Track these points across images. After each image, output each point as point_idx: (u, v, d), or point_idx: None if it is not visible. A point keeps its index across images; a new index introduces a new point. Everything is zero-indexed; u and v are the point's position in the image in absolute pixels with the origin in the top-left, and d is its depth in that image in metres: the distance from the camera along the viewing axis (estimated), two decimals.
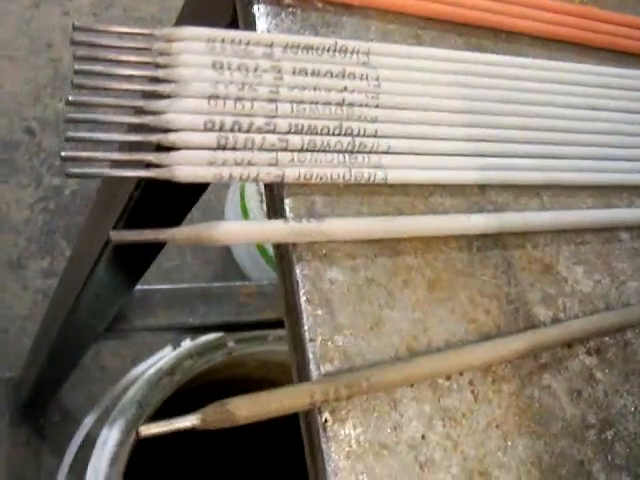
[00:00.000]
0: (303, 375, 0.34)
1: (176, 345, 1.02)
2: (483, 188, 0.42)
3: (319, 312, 0.35)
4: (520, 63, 0.47)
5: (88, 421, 1.05)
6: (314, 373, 0.34)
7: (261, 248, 1.32)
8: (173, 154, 0.35)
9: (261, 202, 1.30)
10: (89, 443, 0.99)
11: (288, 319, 0.36)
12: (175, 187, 0.36)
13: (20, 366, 1.20)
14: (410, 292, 0.37)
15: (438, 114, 0.42)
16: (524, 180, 0.43)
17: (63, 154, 0.34)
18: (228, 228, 0.34)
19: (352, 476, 0.32)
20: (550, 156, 0.45)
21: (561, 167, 0.45)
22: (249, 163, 0.36)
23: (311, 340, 0.34)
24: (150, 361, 1.05)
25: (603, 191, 0.47)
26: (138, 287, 0.90)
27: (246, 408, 0.30)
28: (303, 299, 0.35)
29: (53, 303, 0.97)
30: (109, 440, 0.90)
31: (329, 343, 0.34)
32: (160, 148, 0.35)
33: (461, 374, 0.37)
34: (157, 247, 0.62)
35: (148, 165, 0.35)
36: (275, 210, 0.37)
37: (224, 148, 0.36)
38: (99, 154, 0.34)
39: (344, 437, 0.33)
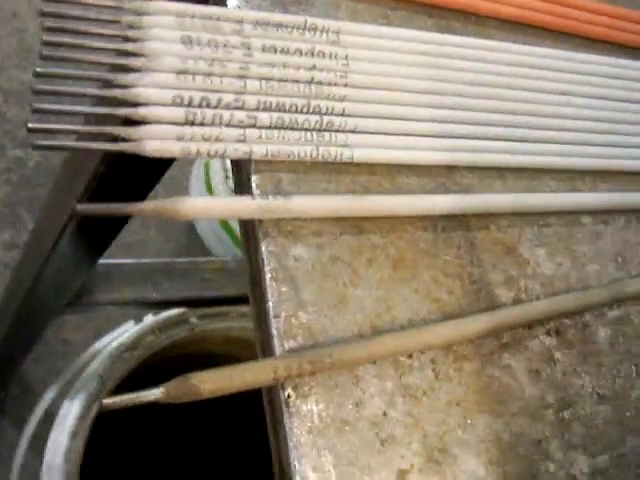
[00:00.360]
0: (267, 351, 0.34)
1: (138, 320, 1.02)
2: (450, 169, 0.43)
3: (284, 289, 0.35)
4: (489, 46, 0.47)
5: (49, 395, 1.04)
6: (278, 349, 0.34)
7: (226, 225, 1.32)
8: (142, 128, 0.35)
9: (226, 178, 1.29)
10: (50, 417, 0.99)
11: (253, 295, 0.36)
12: (141, 162, 0.36)
13: None
14: (374, 271, 0.38)
15: (406, 94, 0.42)
16: (490, 162, 0.43)
17: (30, 125, 0.33)
18: (194, 203, 0.34)
19: (313, 451, 0.33)
20: (516, 139, 0.45)
21: (526, 150, 0.45)
22: (217, 139, 0.36)
23: (275, 316, 0.34)
24: (112, 335, 1.05)
25: (567, 175, 0.47)
26: (102, 261, 0.90)
27: (210, 382, 0.31)
28: (268, 275, 0.35)
29: (15, 276, 0.96)
30: (70, 414, 0.90)
31: (293, 319, 0.35)
32: (128, 122, 0.35)
33: (423, 352, 0.37)
34: (121, 222, 0.61)
35: (115, 139, 0.35)
36: (242, 187, 0.37)
37: (192, 123, 0.36)
38: (66, 126, 0.34)
39: (306, 413, 0.33)
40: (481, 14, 0.50)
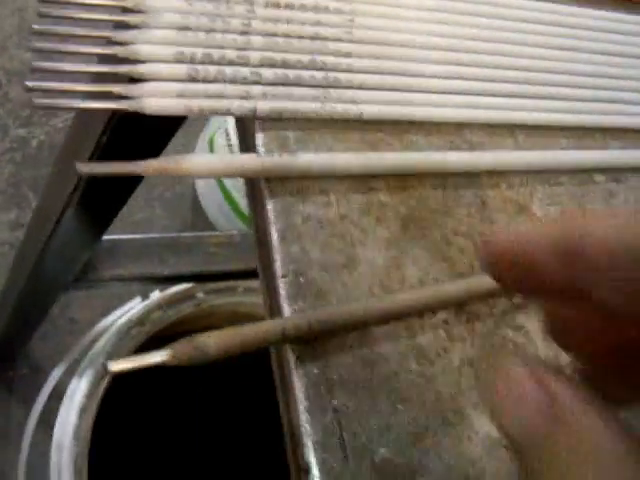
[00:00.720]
0: (275, 312, 0.34)
1: (145, 296, 1.01)
2: (459, 127, 0.42)
3: (291, 248, 0.34)
4: (499, 1, 0.46)
5: (57, 372, 1.04)
6: (286, 310, 0.33)
7: (231, 201, 1.31)
8: (142, 85, 0.34)
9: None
10: (58, 394, 0.99)
11: (260, 256, 0.35)
12: (145, 124, 0.35)
13: None
14: (383, 229, 0.37)
15: (416, 51, 0.41)
16: (502, 120, 0.42)
17: (29, 84, 0.32)
18: (199, 160, 0.33)
19: (324, 413, 0.32)
20: (527, 96, 0.44)
21: (537, 107, 0.44)
22: (220, 96, 0.35)
23: (283, 276, 0.34)
24: (119, 312, 1.04)
25: (578, 132, 0.46)
26: (107, 237, 0.89)
27: (217, 343, 0.30)
28: (275, 235, 0.34)
29: (20, 253, 0.95)
30: (78, 391, 0.90)
31: (301, 279, 0.34)
32: (129, 81, 0.34)
33: (435, 313, 0.36)
34: (126, 191, 0.60)
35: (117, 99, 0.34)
36: (247, 146, 0.37)
37: (194, 80, 0.35)
38: (67, 85, 0.33)
39: (316, 375, 0.32)
40: None
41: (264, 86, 0.36)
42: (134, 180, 0.54)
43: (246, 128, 0.36)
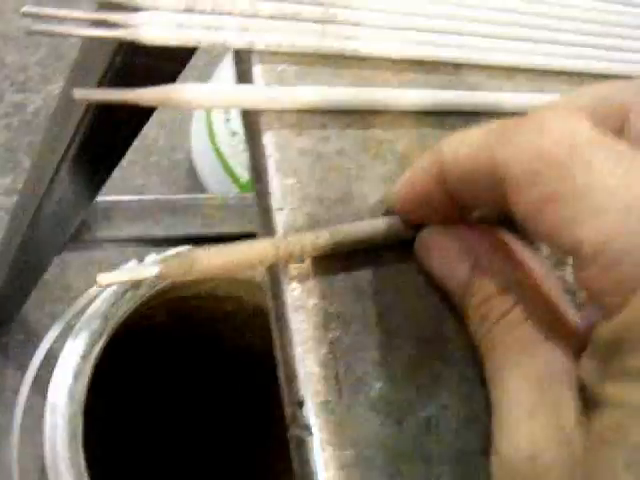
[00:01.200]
0: None
1: (140, 260, 1.01)
2: (457, 67, 0.41)
3: (287, 181, 0.34)
4: None
5: (51, 335, 1.04)
6: None
7: (227, 167, 1.31)
8: (139, 14, 0.33)
9: (226, 121, 1.28)
10: (51, 358, 0.98)
11: (256, 190, 0.35)
12: (147, 65, 0.35)
13: None
14: (380, 165, 0.36)
15: None
16: (500, 61, 0.42)
17: (25, 9, 0.32)
18: (197, 90, 0.33)
19: (320, 346, 0.32)
20: (527, 40, 0.44)
21: (537, 51, 0.44)
22: (218, 28, 0.34)
23: (279, 209, 0.33)
24: None
25: (577, 78, 0.46)
26: (102, 198, 0.89)
27: (209, 259, 0.30)
28: (272, 167, 0.34)
29: (14, 214, 0.95)
30: (73, 352, 0.89)
31: (297, 213, 0.34)
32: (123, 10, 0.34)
33: None
34: (123, 141, 0.60)
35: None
36: (244, 80, 0.36)
37: (192, 11, 0.34)
38: (63, 11, 0.33)
39: (312, 306, 0.32)
40: None
41: (262, 19, 0.36)
42: (132, 124, 0.54)
43: (243, 61, 0.36)
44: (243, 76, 0.36)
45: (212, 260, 0.30)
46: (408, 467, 0.32)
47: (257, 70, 0.35)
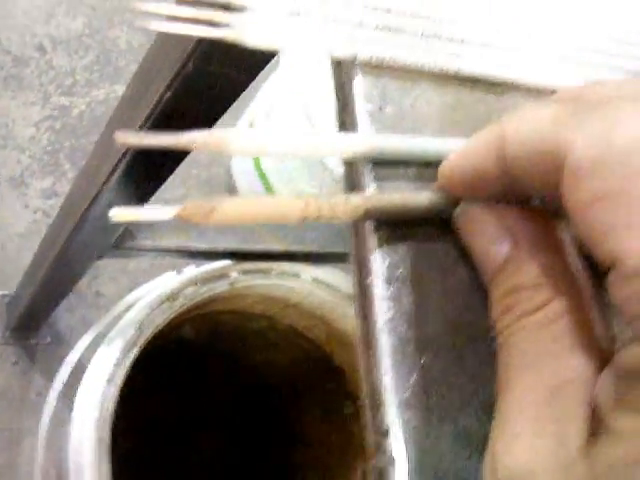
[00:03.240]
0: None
1: (179, 270, 1.00)
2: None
3: None
4: None
5: (83, 342, 1.03)
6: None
7: (267, 184, 1.30)
8: (244, 15, 0.32)
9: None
10: (82, 366, 0.98)
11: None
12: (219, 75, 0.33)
13: (15, 284, 1.18)
14: None
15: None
16: None
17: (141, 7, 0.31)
18: (249, 136, 0.31)
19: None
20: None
21: None
22: (322, 35, 0.33)
23: None
24: (149, 285, 1.03)
25: None
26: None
27: (232, 206, 0.28)
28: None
29: (59, 216, 0.94)
30: (106, 360, 0.89)
31: None
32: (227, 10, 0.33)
33: None
34: (173, 162, 0.59)
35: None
36: (344, 94, 0.35)
37: (296, 16, 0.33)
38: (164, 6, 0.32)
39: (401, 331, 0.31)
40: None
41: (366, 30, 0.34)
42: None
43: (343, 74, 0.35)
44: (341, 88, 0.35)
45: (235, 207, 0.28)
46: None
47: (358, 83, 0.34)
